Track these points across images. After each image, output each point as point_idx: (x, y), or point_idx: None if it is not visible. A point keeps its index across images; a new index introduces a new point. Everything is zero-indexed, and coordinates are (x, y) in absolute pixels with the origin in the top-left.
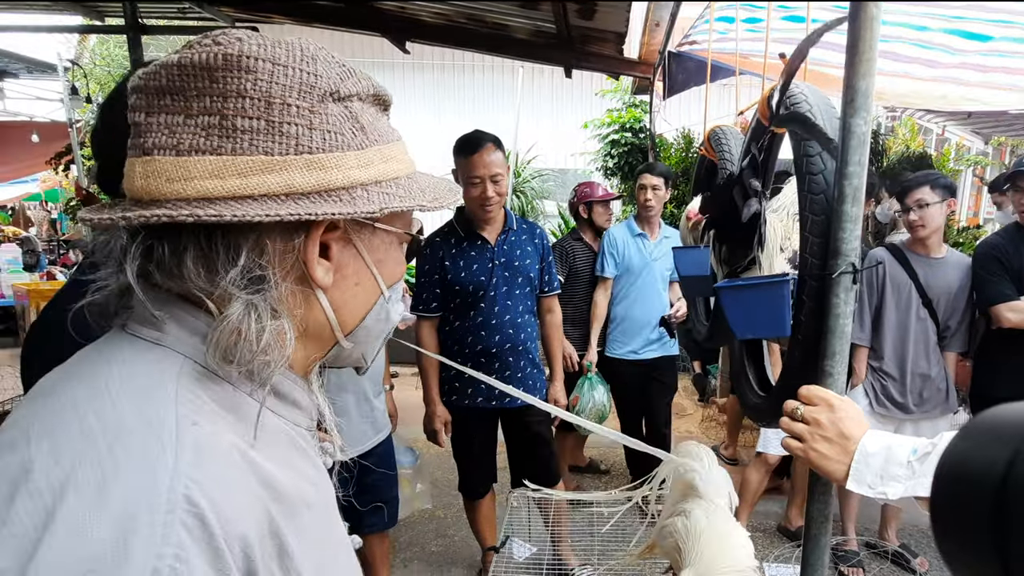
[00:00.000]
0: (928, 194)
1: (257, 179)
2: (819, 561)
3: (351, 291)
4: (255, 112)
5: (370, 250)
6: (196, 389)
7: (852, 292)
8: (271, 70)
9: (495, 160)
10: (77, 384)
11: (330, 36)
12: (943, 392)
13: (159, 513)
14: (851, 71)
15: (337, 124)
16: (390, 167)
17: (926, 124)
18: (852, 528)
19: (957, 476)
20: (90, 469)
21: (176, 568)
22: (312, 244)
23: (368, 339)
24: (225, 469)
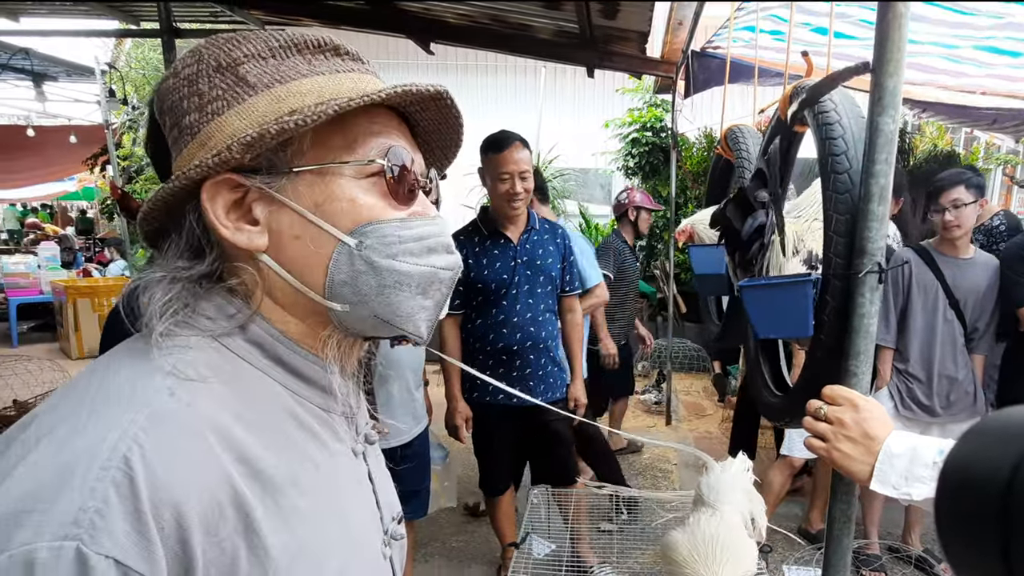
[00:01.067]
0: (964, 193)
1: (176, 174)
2: (841, 563)
3: (293, 246)
4: (172, 123)
5: (298, 197)
6: (202, 365)
7: (878, 292)
8: (171, 84)
9: (523, 157)
10: (111, 354)
11: (355, 37)
12: (971, 395)
13: (95, 468)
14: (879, 70)
15: (217, 92)
16: (284, 104)
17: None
18: (875, 532)
19: (962, 477)
20: (67, 424)
21: (95, 521)
22: (206, 210)
23: (363, 297)
24: (179, 439)
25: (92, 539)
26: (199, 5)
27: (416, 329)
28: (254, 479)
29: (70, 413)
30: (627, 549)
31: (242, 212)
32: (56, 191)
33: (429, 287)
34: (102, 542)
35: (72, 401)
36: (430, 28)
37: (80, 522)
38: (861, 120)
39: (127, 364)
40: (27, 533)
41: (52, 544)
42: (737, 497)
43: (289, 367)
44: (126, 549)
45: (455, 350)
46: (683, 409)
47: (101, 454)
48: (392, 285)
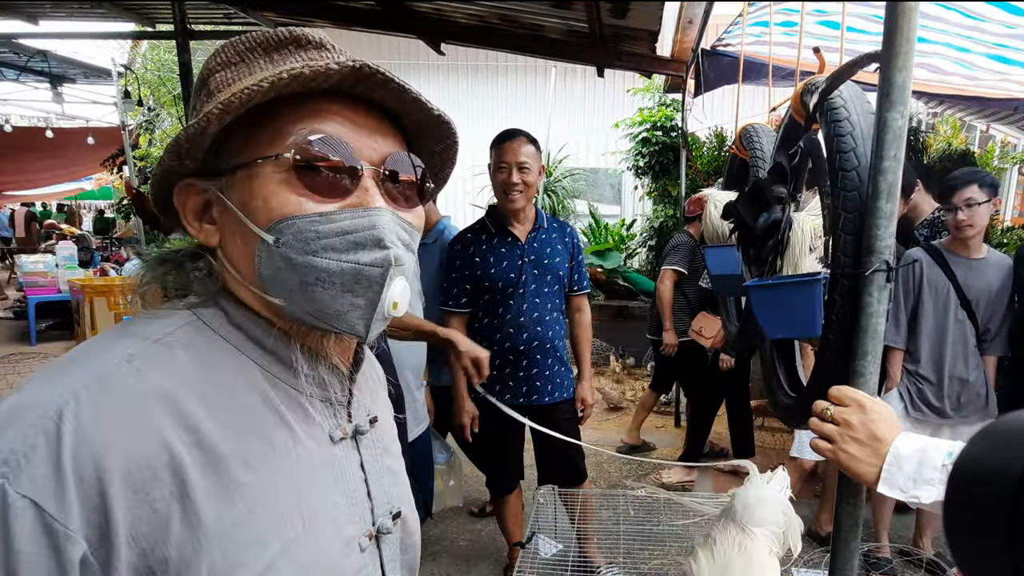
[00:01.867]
0: (977, 193)
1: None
2: (848, 565)
3: (232, 242)
4: None
5: (233, 196)
6: (172, 332)
7: (886, 290)
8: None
9: (525, 150)
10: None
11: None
12: (982, 397)
13: (33, 416)
14: (887, 64)
15: (199, 104)
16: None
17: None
18: (885, 535)
19: (972, 477)
20: (36, 381)
21: (20, 463)
22: (179, 209)
23: (289, 294)
24: (116, 401)
25: (15, 479)
26: (213, 7)
27: (352, 328)
28: (197, 448)
29: (48, 372)
30: (635, 550)
31: (207, 213)
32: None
33: (355, 284)
34: (23, 483)
35: (58, 363)
36: (440, 29)
37: (8, 462)
38: (871, 116)
39: (110, 332)
40: None
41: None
42: (774, 518)
43: (257, 342)
44: (43, 492)
45: None
46: None
47: (41, 405)
48: (313, 283)
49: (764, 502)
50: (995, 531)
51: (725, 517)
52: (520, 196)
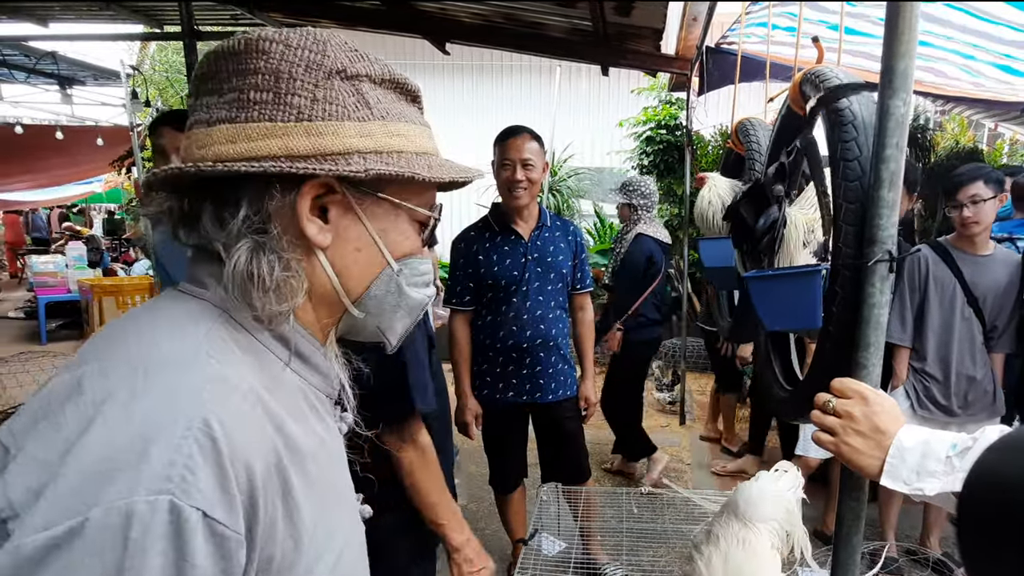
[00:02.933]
0: (982, 189)
1: (262, 143)
2: (850, 561)
3: (351, 256)
4: (265, 85)
5: (372, 218)
6: (225, 336)
7: (888, 281)
8: (282, 51)
9: (528, 147)
10: (130, 324)
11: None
12: (990, 395)
13: (178, 429)
14: (889, 51)
15: (340, 98)
16: (396, 142)
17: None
18: (892, 534)
19: (988, 487)
20: (126, 388)
21: (185, 476)
22: (303, 200)
23: (380, 311)
24: (241, 404)
25: (184, 493)
26: (220, 8)
27: (394, 340)
28: (288, 448)
29: (123, 377)
30: (638, 548)
31: (315, 208)
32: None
33: (417, 309)
34: (193, 495)
35: (116, 364)
36: (445, 28)
37: (171, 477)
38: (872, 105)
39: (164, 330)
40: (119, 488)
41: (148, 498)
42: (777, 514)
43: (282, 340)
44: (212, 502)
45: (465, 347)
46: (697, 409)
47: (179, 416)
48: (403, 306)
49: (767, 497)
50: (1011, 540)
51: (727, 512)
52: (524, 193)
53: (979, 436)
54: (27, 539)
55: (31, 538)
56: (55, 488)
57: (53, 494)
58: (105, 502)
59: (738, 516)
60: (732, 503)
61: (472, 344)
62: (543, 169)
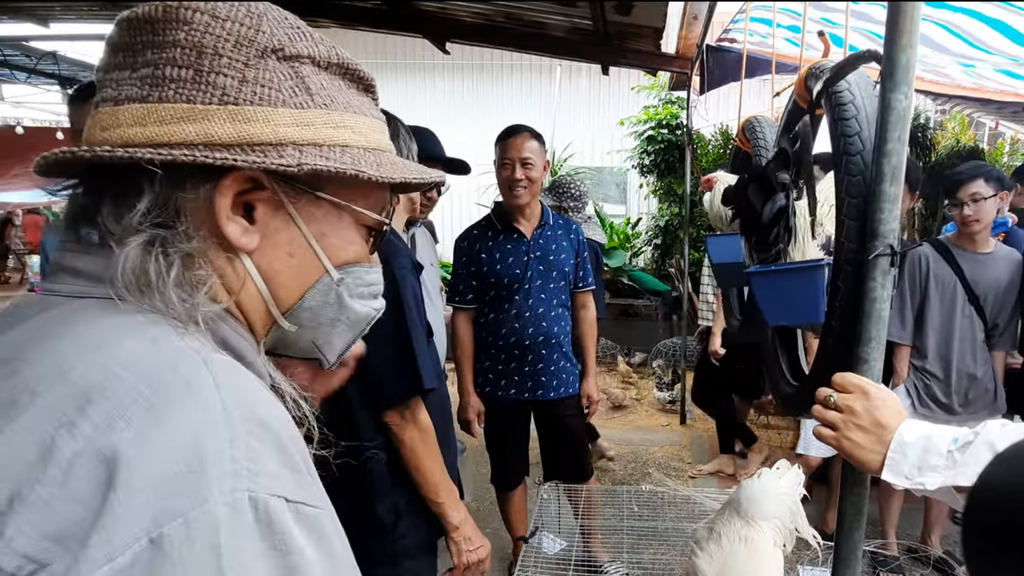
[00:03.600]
0: (983, 187)
1: (176, 127)
2: (852, 557)
3: (283, 261)
4: (185, 61)
5: (309, 220)
6: (178, 336)
7: (890, 276)
8: (207, 22)
9: (528, 146)
10: (57, 344)
11: (372, 38)
12: (991, 393)
13: (222, 425)
14: (891, 44)
15: (275, 81)
16: (340, 134)
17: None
18: (892, 532)
19: (994, 497)
20: (128, 399)
21: (252, 468)
22: (221, 197)
23: (316, 325)
24: (259, 387)
25: (259, 484)
26: None
27: (332, 357)
28: None
29: (114, 393)
30: (639, 547)
31: (238, 205)
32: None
33: (360, 324)
34: (268, 484)
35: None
36: (446, 27)
37: (239, 473)
38: (875, 100)
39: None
40: (189, 500)
41: (224, 499)
42: (779, 512)
43: (234, 351)
44: (289, 485)
45: (468, 345)
46: (698, 408)
47: (216, 413)
48: (343, 320)
49: (769, 495)
50: (1018, 551)
51: (729, 509)
52: (524, 192)
53: (980, 430)
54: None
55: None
56: (110, 517)
57: (111, 522)
58: (178, 515)
59: (740, 514)
60: (734, 500)
61: (474, 342)
62: (543, 168)
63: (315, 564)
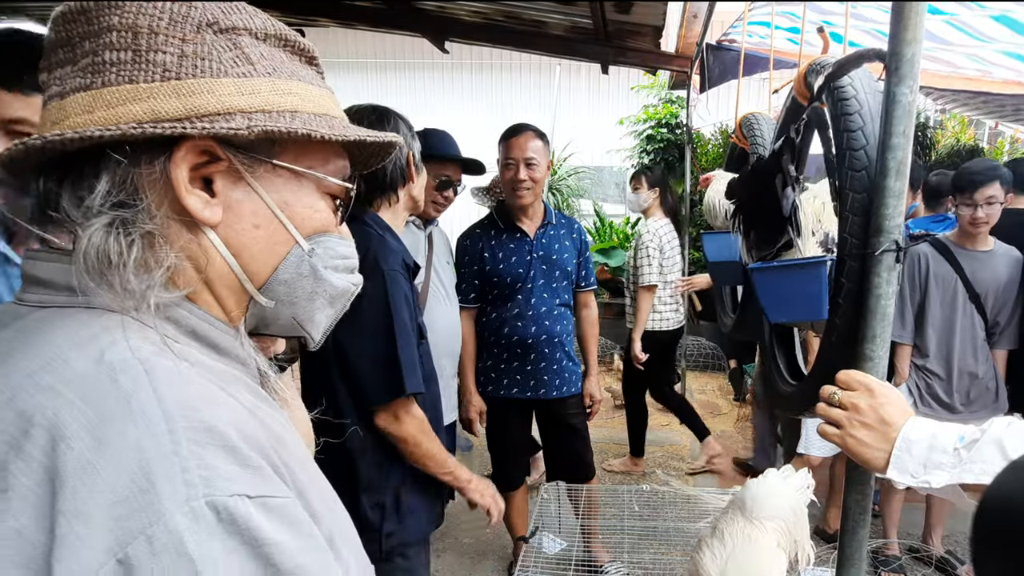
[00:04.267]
0: (998, 191)
1: (123, 109)
2: (856, 555)
3: (249, 234)
4: (122, 44)
5: (270, 190)
6: (142, 338)
7: (895, 272)
8: (139, 3)
9: (532, 146)
10: (9, 362)
11: (372, 37)
12: (992, 391)
13: (163, 439)
14: (896, 38)
15: (214, 52)
16: (288, 100)
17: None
18: (894, 532)
19: (1005, 510)
20: (71, 421)
21: (204, 475)
22: (176, 168)
23: (294, 299)
24: (206, 390)
25: (215, 488)
26: None
27: (316, 335)
28: (260, 422)
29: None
30: (640, 547)
31: (196, 180)
32: None
33: (340, 299)
34: (224, 486)
35: (35, 402)
36: (445, 27)
37: (192, 483)
38: (879, 95)
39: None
40: (146, 517)
41: (183, 510)
42: (783, 513)
43: (205, 340)
44: (246, 482)
45: (470, 344)
46: (698, 408)
47: (157, 428)
48: (321, 294)
49: (774, 495)
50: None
51: (733, 509)
52: (528, 193)
53: (987, 427)
54: None
55: None
56: (66, 546)
57: (68, 551)
58: (137, 534)
59: (744, 513)
60: (739, 500)
61: (476, 341)
62: (547, 167)
63: (291, 549)
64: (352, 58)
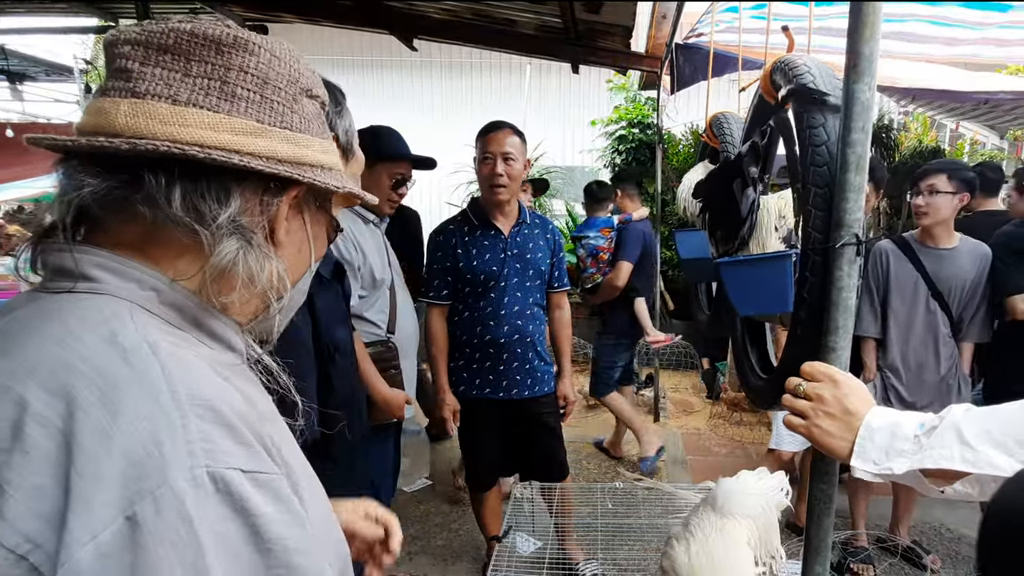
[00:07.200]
0: (943, 182)
1: (247, 139)
2: (823, 544)
3: (293, 257)
4: (253, 86)
5: (312, 225)
6: (150, 324)
7: (856, 265)
8: (270, 58)
9: (509, 141)
10: (22, 341)
11: (339, 34)
12: (954, 387)
13: (173, 414)
14: (855, 35)
15: (309, 114)
16: (335, 159)
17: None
18: (862, 524)
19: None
20: (86, 391)
21: (206, 447)
22: (285, 204)
23: (289, 307)
24: (206, 373)
25: (215, 460)
26: (177, 2)
27: (276, 337)
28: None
29: (72, 384)
30: (614, 544)
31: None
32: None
33: (297, 307)
34: (223, 459)
35: (54, 374)
36: (413, 24)
37: (195, 453)
38: (839, 92)
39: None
40: (154, 480)
41: (185, 476)
42: (754, 512)
43: (204, 328)
44: (242, 458)
45: (442, 341)
46: (671, 406)
47: (165, 400)
48: (296, 303)
49: (747, 493)
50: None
51: (705, 506)
52: (504, 189)
53: (945, 414)
54: (77, 553)
55: (81, 551)
56: (81, 502)
57: (83, 507)
58: (145, 494)
59: (716, 509)
60: (711, 497)
61: (449, 339)
62: (524, 166)
63: (276, 521)
64: (318, 55)
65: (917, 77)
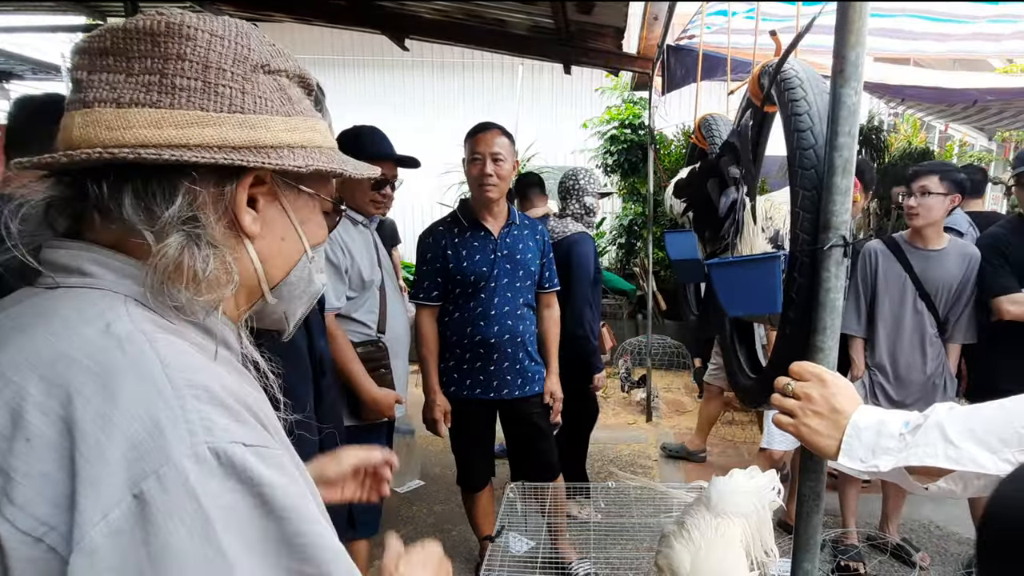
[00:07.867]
0: (934, 184)
1: (193, 131)
2: (811, 540)
3: (276, 245)
4: (193, 74)
5: (294, 209)
6: (143, 316)
7: (843, 266)
8: (209, 39)
9: (498, 142)
10: (21, 334)
11: (329, 34)
12: (940, 387)
13: (170, 397)
14: (841, 40)
15: (266, 92)
16: (314, 136)
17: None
18: (852, 522)
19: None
20: (85, 380)
21: (206, 425)
22: (241, 192)
23: (291, 298)
24: (200, 359)
25: (215, 437)
26: (166, 1)
27: (292, 326)
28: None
29: (68, 372)
30: (606, 544)
31: (251, 206)
32: None
33: (315, 297)
34: (223, 436)
35: (51, 365)
36: (405, 24)
37: (195, 431)
38: (826, 96)
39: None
40: (156, 459)
41: (187, 454)
42: (747, 511)
43: (217, 337)
44: (242, 434)
45: (432, 342)
46: (663, 406)
47: (163, 387)
48: (308, 293)
49: (740, 492)
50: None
51: (699, 505)
52: (494, 188)
53: (930, 413)
54: (90, 532)
55: (94, 530)
56: (89, 484)
57: (91, 489)
58: (150, 473)
59: (710, 508)
60: (705, 497)
61: (439, 340)
62: (513, 166)
63: (284, 488)
64: (309, 55)
65: (907, 78)
